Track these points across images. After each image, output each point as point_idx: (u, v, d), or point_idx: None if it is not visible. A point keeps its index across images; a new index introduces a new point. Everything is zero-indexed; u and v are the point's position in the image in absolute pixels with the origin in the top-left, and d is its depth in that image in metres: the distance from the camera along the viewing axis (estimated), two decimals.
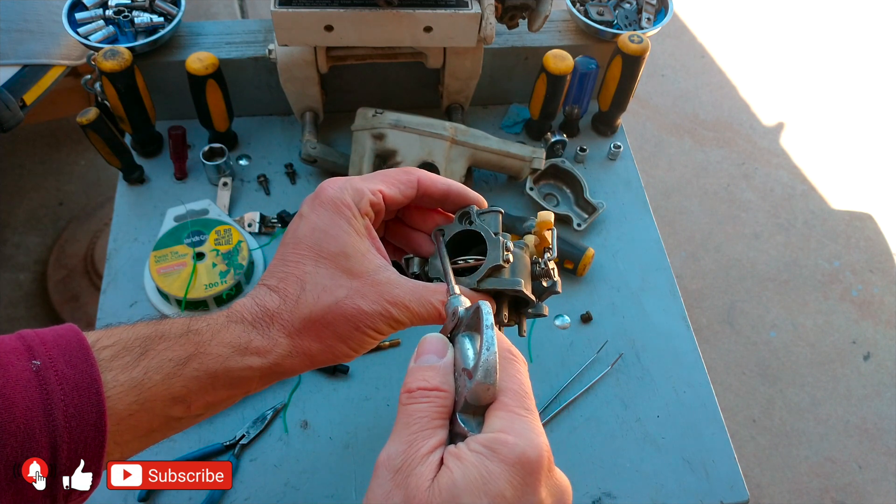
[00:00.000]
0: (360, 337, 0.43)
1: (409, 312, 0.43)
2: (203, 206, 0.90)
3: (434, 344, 0.38)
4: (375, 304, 0.42)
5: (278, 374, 0.43)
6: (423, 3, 0.79)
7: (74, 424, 0.35)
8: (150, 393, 0.38)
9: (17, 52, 1.32)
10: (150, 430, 0.39)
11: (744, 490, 0.75)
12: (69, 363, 0.36)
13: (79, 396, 0.35)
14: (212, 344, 0.40)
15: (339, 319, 0.42)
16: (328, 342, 0.42)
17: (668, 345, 0.85)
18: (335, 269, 0.43)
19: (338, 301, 0.42)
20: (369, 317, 0.42)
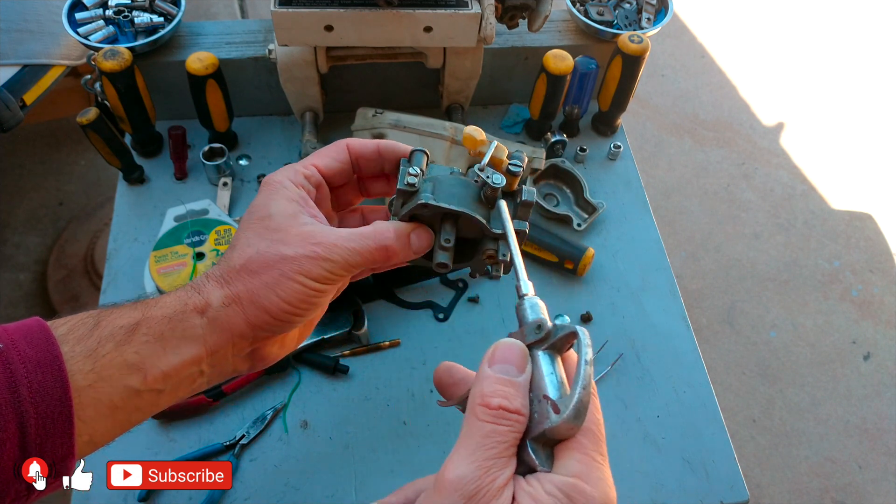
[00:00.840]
0: (288, 284, 0.43)
1: (342, 249, 0.44)
2: (203, 206, 0.90)
3: (514, 353, 0.36)
4: (299, 247, 0.43)
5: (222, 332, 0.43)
6: (423, 3, 0.79)
7: (40, 399, 0.36)
8: (105, 361, 0.39)
9: (17, 52, 1.32)
10: (112, 406, 0.39)
11: (744, 490, 0.75)
12: (31, 344, 0.37)
13: (42, 373, 0.36)
14: (156, 308, 0.42)
15: (263, 266, 0.43)
16: (255, 288, 0.43)
17: (668, 345, 0.85)
18: (261, 228, 0.45)
19: (259, 251, 0.43)
20: (293, 259, 0.43)
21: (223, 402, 0.77)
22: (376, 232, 0.45)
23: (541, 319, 0.37)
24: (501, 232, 0.52)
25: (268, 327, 0.44)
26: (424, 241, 0.48)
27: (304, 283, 0.43)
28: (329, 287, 0.44)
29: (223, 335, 0.43)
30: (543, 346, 0.36)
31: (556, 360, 0.36)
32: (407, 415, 0.77)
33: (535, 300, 0.39)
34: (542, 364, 0.36)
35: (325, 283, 0.44)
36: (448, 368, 0.43)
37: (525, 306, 0.39)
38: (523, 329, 0.38)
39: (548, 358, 0.36)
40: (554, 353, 0.36)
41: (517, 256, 0.43)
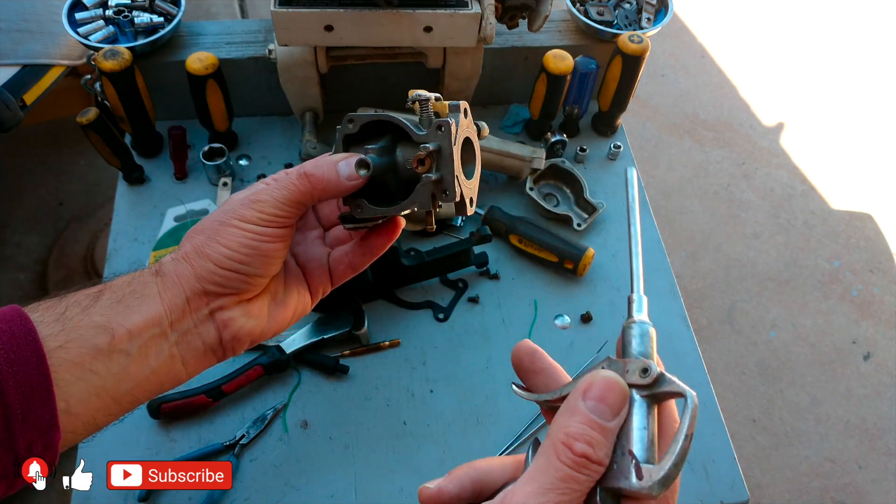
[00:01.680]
0: (226, 230, 0.44)
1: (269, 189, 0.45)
2: (203, 206, 0.90)
3: (613, 396, 0.33)
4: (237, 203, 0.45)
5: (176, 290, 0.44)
6: (423, 3, 0.79)
7: (18, 369, 0.37)
8: (73, 323, 0.40)
9: (17, 52, 1.32)
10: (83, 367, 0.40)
11: (744, 490, 0.75)
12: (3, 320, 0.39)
13: (17, 344, 0.38)
14: (118, 279, 0.45)
15: (207, 225, 0.45)
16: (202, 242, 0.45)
17: (668, 345, 0.85)
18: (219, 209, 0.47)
19: (208, 217, 0.47)
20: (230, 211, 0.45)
21: (223, 402, 0.77)
22: (300, 165, 0.46)
23: (649, 362, 0.34)
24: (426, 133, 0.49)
25: (215, 278, 0.44)
26: (353, 164, 0.46)
27: (240, 227, 0.44)
28: (267, 230, 0.45)
29: (175, 290, 0.44)
30: (643, 393, 0.33)
31: (652, 411, 0.33)
32: (407, 415, 0.77)
33: (647, 327, 0.35)
34: (635, 413, 0.33)
35: (261, 225, 0.45)
36: (532, 353, 0.41)
37: (633, 332, 0.35)
38: (626, 362, 0.34)
39: (644, 408, 0.33)
40: (652, 404, 0.33)
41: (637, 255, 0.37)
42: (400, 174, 0.49)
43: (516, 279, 0.89)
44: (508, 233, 0.90)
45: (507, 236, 0.91)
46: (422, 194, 0.47)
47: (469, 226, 0.93)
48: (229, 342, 0.47)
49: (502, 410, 0.79)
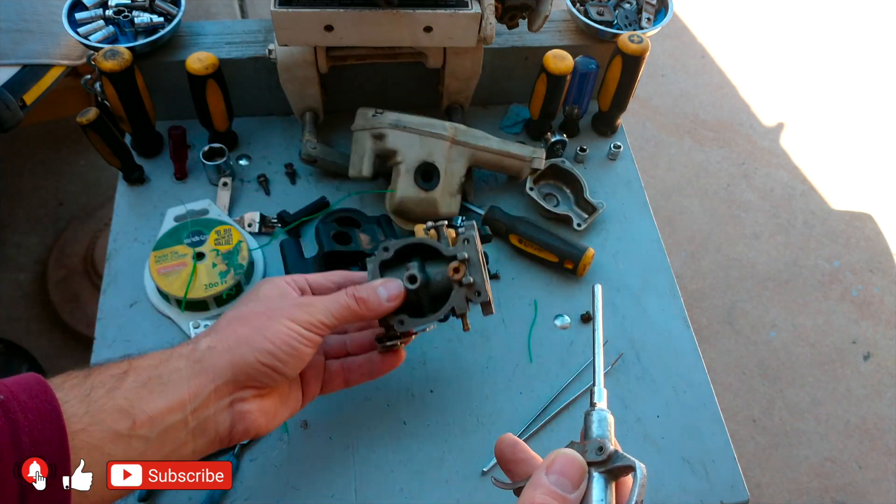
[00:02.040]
0: (276, 325, 0.46)
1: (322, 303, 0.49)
2: (203, 206, 0.90)
3: (573, 469, 0.37)
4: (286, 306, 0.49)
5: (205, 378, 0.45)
6: (423, 3, 0.79)
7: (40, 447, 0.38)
8: (97, 405, 0.41)
9: (17, 52, 1.32)
10: (102, 452, 0.41)
11: (744, 490, 0.75)
12: (30, 395, 0.39)
13: (42, 422, 0.38)
14: (144, 357, 0.45)
15: (253, 315, 0.48)
16: (246, 333, 0.47)
17: (668, 345, 0.85)
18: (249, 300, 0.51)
19: (250, 307, 0.49)
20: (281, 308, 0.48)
21: None
22: (350, 288, 0.52)
23: (604, 441, 0.38)
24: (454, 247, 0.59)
25: (251, 371, 0.46)
26: (393, 288, 0.54)
27: (290, 327, 0.47)
28: (312, 337, 0.48)
29: (206, 376, 0.45)
30: (601, 469, 0.37)
31: (610, 487, 0.37)
32: (407, 415, 0.77)
33: (605, 414, 0.40)
34: (594, 487, 0.36)
35: (310, 331, 0.48)
36: (513, 445, 0.44)
37: (593, 419, 0.39)
38: (585, 443, 0.38)
39: (602, 482, 0.37)
40: (609, 479, 0.37)
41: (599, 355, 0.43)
42: (432, 287, 0.59)
43: (516, 279, 0.89)
44: (508, 233, 0.90)
45: (507, 236, 0.91)
46: (458, 298, 0.58)
47: None
48: (238, 433, 0.48)
49: (502, 410, 0.79)
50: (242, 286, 0.83)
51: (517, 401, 0.79)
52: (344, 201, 0.93)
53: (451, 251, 0.59)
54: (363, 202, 0.94)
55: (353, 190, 0.94)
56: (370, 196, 0.94)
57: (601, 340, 0.43)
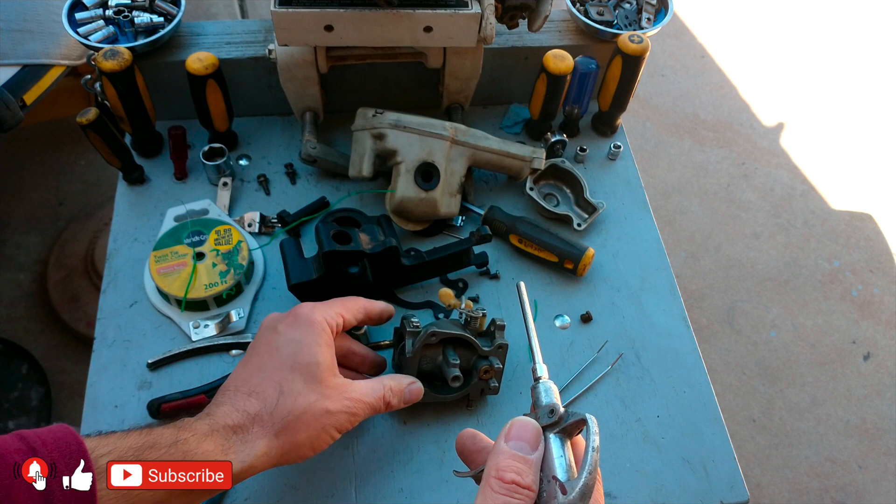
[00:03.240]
0: (324, 436, 0.51)
1: (365, 405, 0.54)
2: (203, 206, 0.90)
3: (528, 432, 0.40)
4: (339, 403, 0.52)
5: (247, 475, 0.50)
6: (423, 3, 0.79)
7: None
8: (138, 499, 0.44)
9: (17, 52, 1.32)
10: None
11: (744, 490, 0.75)
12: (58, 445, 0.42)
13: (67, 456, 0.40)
14: (197, 454, 0.47)
15: (311, 420, 0.50)
16: (299, 441, 0.50)
17: (668, 345, 0.85)
18: (307, 376, 0.51)
19: (311, 403, 0.51)
20: (335, 415, 0.51)
21: None
22: (384, 389, 0.57)
23: (554, 404, 0.41)
24: (491, 349, 0.72)
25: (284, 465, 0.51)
26: (415, 393, 0.61)
27: (334, 436, 0.52)
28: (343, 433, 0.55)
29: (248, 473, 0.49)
30: (555, 430, 0.40)
31: (566, 443, 0.39)
32: (407, 415, 0.77)
33: (549, 384, 0.43)
34: (552, 446, 0.39)
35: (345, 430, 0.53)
36: (472, 436, 0.48)
37: (540, 389, 0.43)
38: (537, 411, 0.41)
39: (559, 441, 0.39)
40: (564, 437, 0.40)
41: (534, 339, 0.48)
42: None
43: (516, 279, 0.89)
44: (508, 233, 0.90)
45: (507, 236, 0.91)
46: (475, 389, 0.74)
47: (469, 226, 0.93)
48: None
49: (502, 410, 0.79)
50: (242, 286, 0.83)
51: (517, 401, 0.79)
52: (344, 201, 0.93)
53: (487, 352, 0.72)
54: (363, 202, 0.94)
55: (353, 190, 0.95)
56: (370, 196, 0.94)
57: (531, 315, 0.49)
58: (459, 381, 0.70)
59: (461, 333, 0.71)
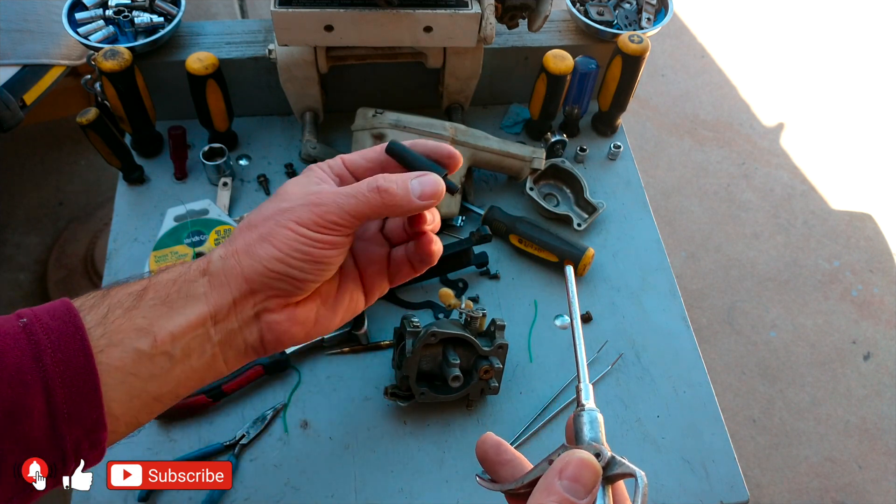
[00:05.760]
0: (281, 231, 0.42)
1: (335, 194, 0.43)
2: (203, 206, 0.90)
3: (588, 477, 0.35)
4: (296, 200, 0.43)
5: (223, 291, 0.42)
6: (423, 3, 0.79)
7: (65, 368, 0.37)
8: (114, 326, 0.39)
9: (17, 52, 1.32)
10: (125, 371, 0.39)
11: (744, 490, 0.75)
12: (53, 317, 0.38)
13: (65, 343, 0.37)
14: (161, 274, 0.43)
15: (262, 220, 0.43)
16: (253, 241, 0.43)
17: (668, 345, 0.85)
18: (272, 197, 0.45)
19: (261, 209, 0.44)
20: (288, 210, 0.43)
21: (223, 401, 0.77)
22: (373, 178, 0.43)
23: (601, 447, 0.36)
24: (491, 349, 0.72)
25: (264, 280, 0.43)
26: (429, 184, 0.44)
27: (295, 230, 0.42)
28: (324, 237, 0.42)
29: (223, 290, 0.42)
30: None
31: (606, 491, 0.36)
32: (407, 415, 0.77)
33: (595, 414, 0.38)
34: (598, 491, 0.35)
35: (319, 232, 0.42)
36: (497, 446, 0.42)
37: (584, 420, 0.38)
38: (578, 445, 0.37)
39: (601, 489, 0.36)
40: (605, 484, 0.36)
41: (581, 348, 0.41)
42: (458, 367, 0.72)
43: (516, 279, 0.89)
44: (508, 233, 0.90)
45: (507, 236, 0.91)
46: (475, 389, 0.74)
47: (469, 226, 0.93)
48: (271, 343, 0.45)
49: (502, 410, 0.79)
50: None
51: (517, 400, 0.79)
52: None
53: (487, 352, 0.72)
54: None
55: None
56: None
57: (580, 329, 0.41)
58: (459, 381, 0.70)
59: (461, 333, 0.71)
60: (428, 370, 0.73)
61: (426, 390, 0.73)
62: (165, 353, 0.41)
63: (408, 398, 0.74)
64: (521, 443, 0.76)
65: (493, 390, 0.75)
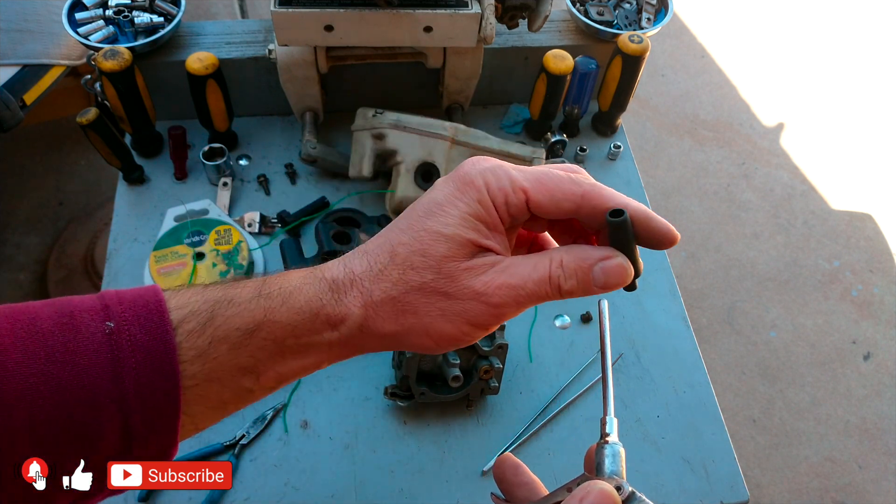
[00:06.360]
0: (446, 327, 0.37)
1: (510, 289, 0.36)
2: (203, 206, 0.90)
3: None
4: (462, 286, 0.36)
5: (351, 349, 0.39)
6: (423, 3, 0.79)
7: (147, 394, 0.34)
8: (215, 363, 0.36)
9: (17, 52, 1.32)
10: (221, 402, 0.37)
11: (744, 490, 0.75)
12: (143, 328, 0.34)
13: (151, 365, 0.34)
14: (281, 310, 0.37)
15: (422, 303, 0.36)
16: (409, 327, 0.37)
17: (668, 345, 0.85)
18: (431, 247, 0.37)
19: (424, 282, 0.36)
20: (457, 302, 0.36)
21: None
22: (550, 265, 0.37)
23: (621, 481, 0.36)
24: (491, 349, 0.72)
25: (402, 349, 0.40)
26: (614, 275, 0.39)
27: (463, 332, 0.37)
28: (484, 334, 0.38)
29: (351, 350, 0.39)
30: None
31: None
32: (407, 415, 0.77)
33: (618, 448, 0.37)
34: None
35: (488, 329, 0.37)
36: (515, 467, 0.42)
37: (606, 453, 0.37)
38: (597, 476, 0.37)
39: None
40: None
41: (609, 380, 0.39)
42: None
43: None
44: None
45: None
46: (475, 389, 0.75)
47: None
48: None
49: (502, 410, 0.79)
50: None
51: (517, 401, 0.79)
52: (344, 201, 0.93)
53: (487, 352, 0.73)
54: (363, 202, 0.94)
55: (353, 190, 0.94)
56: (370, 196, 0.94)
57: (610, 362, 0.39)
58: (459, 382, 0.70)
59: None
60: (428, 370, 0.73)
61: (426, 390, 0.73)
62: (268, 388, 0.38)
63: (408, 398, 0.74)
64: (521, 443, 0.76)
65: (493, 390, 0.75)
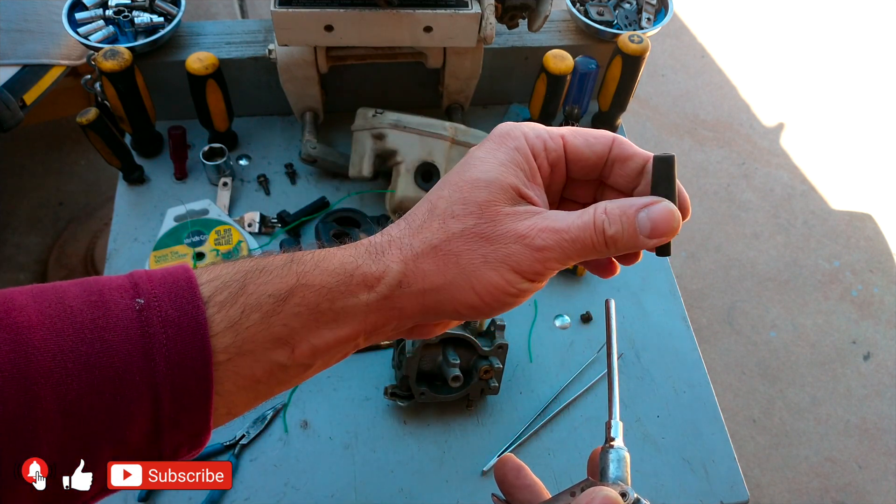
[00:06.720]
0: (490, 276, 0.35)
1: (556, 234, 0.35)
2: (203, 206, 0.90)
3: None
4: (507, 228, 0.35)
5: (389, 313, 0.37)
6: (423, 3, 0.79)
7: (177, 372, 0.32)
8: (247, 334, 0.34)
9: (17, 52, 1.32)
10: (253, 380, 0.35)
11: (744, 490, 0.75)
12: (174, 303, 0.33)
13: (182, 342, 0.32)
14: (314, 273, 0.35)
15: (465, 248, 0.35)
16: (451, 279, 0.35)
17: (668, 345, 0.85)
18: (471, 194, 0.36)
19: (465, 228, 0.35)
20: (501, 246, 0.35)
21: None
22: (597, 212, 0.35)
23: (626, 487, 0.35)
24: (491, 349, 0.72)
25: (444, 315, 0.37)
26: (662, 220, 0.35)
27: (508, 280, 0.35)
28: (537, 285, 0.36)
29: (389, 315, 0.37)
30: None
31: None
32: (407, 415, 0.77)
33: (623, 452, 0.37)
34: None
35: (534, 280, 0.36)
36: (517, 469, 0.41)
37: (611, 457, 0.37)
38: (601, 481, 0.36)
39: None
40: None
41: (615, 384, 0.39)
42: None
43: None
44: None
45: None
46: (475, 389, 0.75)
47: None
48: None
49: (502, 410, 0.79)
50: None
51: (517, 400, 0.79)
52: (344, 201, 0.93)
53: (487, 352, 0.73)
54: (363, 202, 0.94)
55: (353, 190, 0.95)
56: (370, 196, 0.94)
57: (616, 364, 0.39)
58: (459, 382, 0.70)
59: (461, 333, 0.71)
60: (428, 370, 0.73)
61: (426, 390, 0.73)
62: (302, 365, 0.36)
63: (408, 398, 0.74)
64: (521, 443, 0.76)
65: (493, 390, 0.75)
